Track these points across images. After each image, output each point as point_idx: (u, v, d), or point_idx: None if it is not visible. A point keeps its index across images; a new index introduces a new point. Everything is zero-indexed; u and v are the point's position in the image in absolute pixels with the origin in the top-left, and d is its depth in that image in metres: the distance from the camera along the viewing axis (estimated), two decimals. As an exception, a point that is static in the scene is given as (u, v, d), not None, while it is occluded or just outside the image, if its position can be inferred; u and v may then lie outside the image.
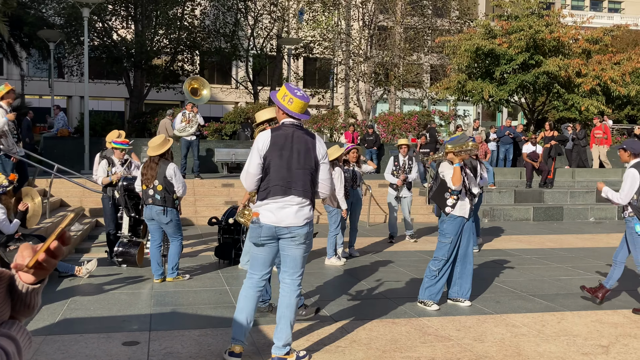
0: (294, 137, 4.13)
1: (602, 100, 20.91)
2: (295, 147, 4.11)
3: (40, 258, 1.42)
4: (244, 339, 4.25)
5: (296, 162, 4.10)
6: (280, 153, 4.10)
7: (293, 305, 4.21)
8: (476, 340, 4.89)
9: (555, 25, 20.71)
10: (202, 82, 12.92)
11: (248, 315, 4.24)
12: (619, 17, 48.19)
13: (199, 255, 8.71)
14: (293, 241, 4.13)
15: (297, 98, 4.13)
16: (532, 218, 14.02)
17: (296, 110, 4.16)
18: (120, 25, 24.38)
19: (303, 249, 4.19)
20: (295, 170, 4.10)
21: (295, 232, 4.10)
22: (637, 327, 5.33)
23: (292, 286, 4.22)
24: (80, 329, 5.01)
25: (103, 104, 35.98)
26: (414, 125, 20.95)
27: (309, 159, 4.13)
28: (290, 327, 4.20)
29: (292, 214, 4.09)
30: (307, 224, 4.16)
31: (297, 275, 4.23)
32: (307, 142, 4.15)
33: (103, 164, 8.00)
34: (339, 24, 28.99)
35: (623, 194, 5.82)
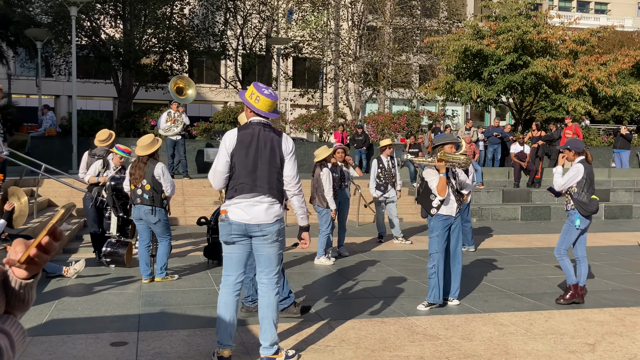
0: (260, 136, 4.15)
1: (589, 101, 21.07)
2: (262, 145, 4.14)
3: (32, 253, 1.43)
4: (231, 341, 4.24)
5: (262, 161, 4.13)
6: (246, 151, 4.14)
7: (273, 304, 4.20)
8: (464, 339, 4.91)
9: (543, 26, 20.85)
10: (187, 81, 12.86)
11: (230, 320, 4.21)
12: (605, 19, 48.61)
13: (188, 256, 8.68)
14: (265, 240, 4.14)
15: (264, 96, 4.16)
16: (520, 217, 14.11)
17: (263, 108, 4.17)
18: (109, 24, 24.23)
19: (277, 246, 4.19)
20: (261, 168, 4.13)
21: (266, 229, 4.11)
22: (623, 325, 5.39)
23: (270, 285, 4.22)
24: (67, 329, 4.99)
25: (91, 104, 35.78)
26: (403, 125, 21.01)
27: (274, 157, 4.14)
28: (274, 326, 4.19)
29: (263, 212, 4.11)
30: (277, 222, 4.16)
31: (273, 274, 4.22)
32: (272, 140, 4.16)
33: (98, 164, 7.93)
34: (328, 23, 29.01)
35: (563, 181, 6.12)
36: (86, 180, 7.98)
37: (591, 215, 6.17)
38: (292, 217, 12.80)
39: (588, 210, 6.09)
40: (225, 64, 34.47)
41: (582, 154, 6.21)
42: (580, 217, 6.10)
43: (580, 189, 6.09)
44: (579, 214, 6.10)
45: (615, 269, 8.19)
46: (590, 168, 6.18)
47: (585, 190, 6.09)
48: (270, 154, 4.14)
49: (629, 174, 18.44)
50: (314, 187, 8.34)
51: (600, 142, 22.58)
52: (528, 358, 4.46)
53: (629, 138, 19.91)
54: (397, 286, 6.86)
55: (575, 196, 6.11)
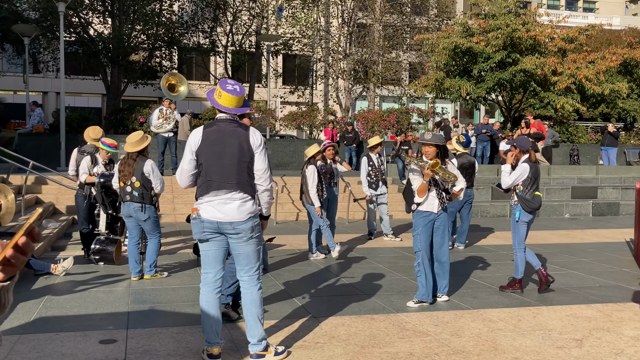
0: (226, 132, 4.10)
1: (577, 99, 21.22)
2: (228, 141, 4.08)
3: (7, 254, 1.38)
4: (219, 339, 4.22)
5: (229, 157, 4.07)
6: (212, 149, 4.09)
7: (257, 300, 4.18)
8: (454, 335, 4.94)
9: (532, 24, 20.96)
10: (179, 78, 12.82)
11: (214, 317, 4.20)
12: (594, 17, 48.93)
13: (178, 253, 8.66)
14: (240, 238, 4.09)
15: (225, 92, 4.09)
16: (509, 214, 14.17)
17: (225, 104, 4.11)
18: (97, 20, 24.05)
19: (253, 243, 4.14)
20: (228, 165, 4.07)
21: (239, 227, 4.06)
22: (610, 321, 5.44)
23: (251, 282, 4.20)
24: (56, 327, 4.96)
25: (80, 100, 35.52)
26: (393, 123, 21.05)
27: (242, 153, 4.08)
28: (259, 322, 4.17)
29: (235, 209, 4.06)
30: (250, 219, 4.10)
31: (253, 270, 4.19)
32: (239, 135, 4.10)
33: (86, 160, 7.86)
34: (318, 21, 28.98)
35: (510, 180, 6.32)
36: (82, 180, 7.89)
37: (534, 211, 6.45)
38: (282, 214, 12.82)
39: (531, 206, 6.39)
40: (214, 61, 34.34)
41: (526, 152, 6.48)
42: (521, 211, 6.39)
43: (525, 187, 6.40)
44: (521, 209, 6.40)
45: (603, 265, 8.26)
46: (535, 167, 6.45)
47: (529, 188, 6.39)
48: (238, 150, 4.07)
49: (617, 171, 18.60)
50: (302, 184, 8.35)
51: (588, 139, 22.75)
52: (516, 354, 4.49)
53: (616, 135, 20.08)
54: (387, 283, 6.88)
55: (520, 193, 6.42)
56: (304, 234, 10.43)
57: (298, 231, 11.06)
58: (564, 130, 22.88)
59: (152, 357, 4.28)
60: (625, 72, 24.37)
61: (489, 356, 4.43)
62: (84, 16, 23.22)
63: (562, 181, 16.90)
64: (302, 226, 11.76)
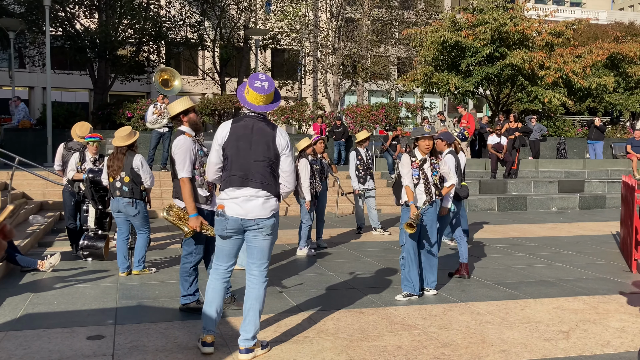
0: (254, 129, 4.11)
1: (565, 93, 21.33)
2: (255, 138, 4.09)
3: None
4: (215, 328, 4.29)
5: (254, 154, 4.08)
6: (238, 144, 4.10)
7: (262, 296, 4.21)
8: (442, 328, 4.96)
9: (520, 18, 21.01)
10: (172, 73, 12.76)
11: (217, 306, 4.27)
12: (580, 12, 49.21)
13: (167, 248, 8.63)
14: (260, 232, 4.12)
15: (252, 90, 4.08)
16: (497, 208, 14.27)
17: (252, 101, 4.10)
18: (84, 15, 23.82)
19: (270, 239, 4.19)
20: (253, 162, 4.08)
21: (262, 223, 4.10)
22: (597, 313, 5.49)
23: (261, 278, 4.22)
24: (43, 324, 4.92)
25: (66, 95, 35.24)
26: (382, 117, 21.06)
27: (267, 151, 4.09)
28: (259, 318, 4.21)
29: (259, 206, 4.08)
30: (274, 216, 4.15)
31: (264, 266, 4.23)
32: (266, 134, 4.10)
33: (75, 158, 7.74)
34: (306, 15, 28.90)
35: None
36: (70, 177, 7.80)
37: (461, 200, 6.91)
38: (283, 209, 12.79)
39: (462, 195, 6.87)
40: (202, 55, 34.16)
41: (451, 145, 6.93)
42: (453, 201, 6.60)
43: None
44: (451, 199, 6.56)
45: (590, 258, 8.33)
46: (457, 158, 6.88)
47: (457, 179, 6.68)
48: (264, 148, 4.08)
49: (603, 164, 18.75)
50: None
51: (575, 133, 22.90)
52: (504, 346, 4.53)
53: (602, 129, 20.23)
54: (376, 277, 6.90)
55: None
56: (293, 229, 10.43)
57: (287, 226, 11.06)
58: (551, 124, 23.02)
59: (140, 353, 4.27)
60: (612, 66, 24.53)
61: (476, 349, 4.46)
62: (70, 10, 22.99)
63: (549, 175, 17.02)
64: (291, 221, 11.76)
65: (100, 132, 16.96)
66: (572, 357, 4.34)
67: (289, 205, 13.12)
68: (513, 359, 4.27)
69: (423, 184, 5.87)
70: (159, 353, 4.28)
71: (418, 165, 5.86)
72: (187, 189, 4.86)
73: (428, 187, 5.89)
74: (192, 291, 5.26)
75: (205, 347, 4.27)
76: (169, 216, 5.08)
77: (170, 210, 5.11)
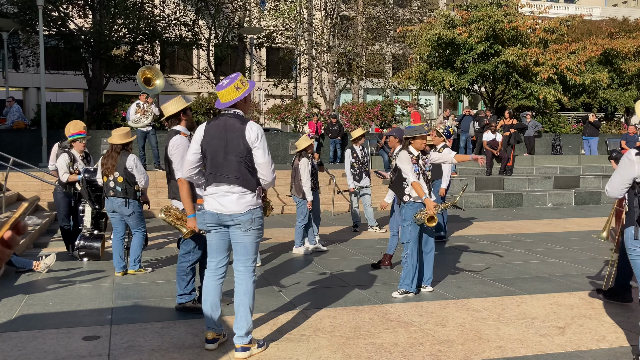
0: (225, 126, 4.18)
1: (559, 89, 21.38)
2: (227, 135, 4.16)
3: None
4: (214, 325, 4.34)
5: (227, 151, 4.15)
6: (211, 142, 4.20)
7: (250, 292, 4.22)
8: (438, 325, 4.97)
9: (514, 15, 21.04)
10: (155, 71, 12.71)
11: (211, 303, 4.32)
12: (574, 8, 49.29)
13: (163, 248, 8.61)
14: (239, 229, 4.17)
15: (217, 90, 4.27)
16: (493, 205, 14.29)
17: (221, 99, 4.24)
18: (77, 14, 23.73)
19: (252, 235, 4.19)
20: (226, 159, 4.15)
21: (238, 219, 4.14)
22: (592, 308, 5.51)
23: (247, 273, 4.24)
24: (38, 324, 4.91)
25: (61, 96, 35.10)
26: (377, 115, 21.07)
27: (238, 147, 4.13)
28: (250, 314, 4.22)
29: (234, 202, 4.14)
30: (250, 211, 4.15)
31: (250, 262, 4.24)
32: (236, 129, 4.15)
33: (64, 158, 7.64)
34: (301, 13, 28.87)
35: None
36: (65, 180, 7.67)
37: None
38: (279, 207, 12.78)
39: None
40: (197, 55, 34.08)
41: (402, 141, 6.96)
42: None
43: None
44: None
45: (585, 254, 8.36)
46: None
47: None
48: (234, 144, 4.14)
49: (598, 160, 18.80)
50: (292, 176, 8.32)
51: (569, 129, 22.95)
52: (500, 342, 4.53)
53: (597, 125, 20.28)
54: (372, 274, 6.91)
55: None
56: (289, 227, 10.43)
57: (283, 224, 11.06)
58: (546, 121, 23.06)
59: (136, 353, 4.26)
60: (606, 62, 24.60)
61: (473, 345, 4.47)
62: (64, 10, 22.90)
63: (544, 171, 17.05)
64: (287, 219, 11.76)
65: (95, 132, 16.93)
66: (568, 352, 4.35)
67: (285, 204, 13.11)
68: (509, 354, 4.28)
69: (423, 179, 5.88)
70: (155, 353, 4.27)
71: (415, 160, 5.87)
72: (185, 189, 4.87)
73: (426, 182, 5.91)
74: (188, 290, 5.26)
75: (206, 343, 4.36)
76: (167, 217, 5.07)
77: (168, 211, 5.10)
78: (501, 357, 4.22)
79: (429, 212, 5.69)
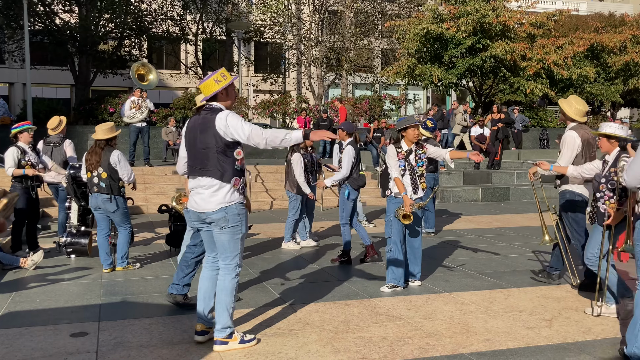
0: (202, 119, 4.17)
1: (546, 83, 21.50)
2: (201, 129, 4.15)
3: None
4: (204, 317, 4.35)
5: (199, 143, 4.14)
6: (189, 136, 4.24)
7: (228, 289, 4.20)
8: (426, 318, 4.99)
9: (501, 9, 21.11)
10: (148, 67, 12.67)
11: (204, 294, 4.35)
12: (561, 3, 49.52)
13: (151, 244, 8.58)
14: (214, 227, 4.16)
15: (199, 85, 4.38)
16: (480, 199, 14.37)
17: (203, 93, 4.25)
18: (63, 9, 23.50)
19: (227, 233, 4.14)
20: (200, 151, 4.14)
21: (211, 217, 4.12)
22: (578, 301, 5.56)
23: (225, 270, 4.23)
24: (25, 321, 4.88)
25: (47, 91, 34.77)
26: (366, 110, 21.08)
27: (210, 138, 4.08)
28: (226, 310, 4.19)
29: (205, 200, 4.13)
30: (222, 209, 4.09)
31: (229, 259, 4.21)
32: (207, 121, 4.12)
33: (12, 152, 7.33)
34: (289, 7, 28.78)
35: (345, 169, 6.95)
36: (9, 173, 7.33)
37: (360, 188, 7.16)
38: (256, 203, 12.78)
39: (358, 184, 7.11)
40: (185, 49, 33.89)
41: (351, 135, 7.21)
42: (350, 189, 7.04)
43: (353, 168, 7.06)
44: (349, 187, 7.04)
45: (572, 247, 8.40)
46: (357, 148, 7.19)
47: (355, 167, 7.08)
48: (205, 136, 4.11)
49: (585, 154, 18.90)
50: (286, 172, 8.32)
51: (557, 123, 23.09)
52: (488, 335, 4.57)
53: (584, 119, 20.38)
54: (361, 269, 6.92)
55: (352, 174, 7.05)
56: (279, 223, 10.43)
57: (272, 220, 11.05)
58: (534, 115, 23.19)
59: (124, 349, 4.25)
60: (592, 57, 24.75)
61: (461, 338, 4.50)
62: (49, 5, 22.66)
63: (532, 165, 17.14)
64: (276, 215, 11.76)
65: (82, 128, 16.81)
66: (555, 344, 4.39)
67: (274, 199, 13.10)
68: (497, 347, 4.31)
69: (409, 175, 5.87)
70: (143, 349, 4.26)
71: (404, 156, 5.86)
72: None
73: (414, 179, 5.89)
74: (182, 283, 5.23)
75: (195, 335, 4.39)
76: (178, 205, 5.19)
77: (179, 199, 5.22)
78: (489, 350, 4.25)
79: (404, 210, 5.69)
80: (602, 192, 4.96)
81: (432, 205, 9.49)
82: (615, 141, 4.95)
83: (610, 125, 5.02)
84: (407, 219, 5.67)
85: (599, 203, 4.97)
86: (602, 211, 4.91)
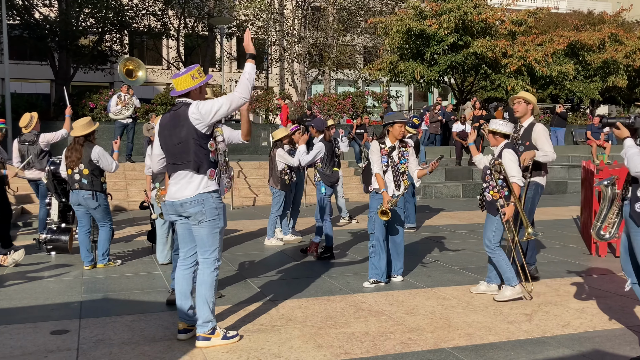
0: (176, 114, 4.18)
1: (527, 80, 21.71)
2: (174, 123, 4.18)
3: None
4: (185, 315, 4.34)
5: (175, 138, 4.15)
6: (164, 133, 4.25)
7: (207, 282, 4.21)
8: (408, 313, 5.03)
9: (483, 7, 21.26)
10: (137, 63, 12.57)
11: (182, 293, 4.33)
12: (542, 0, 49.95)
13: (132, 241, 8.53)
14: (192, 221, 4.18)
15: (173, 78, 4.34)
16: (462, 195, 14.48)
17: (176, 87, 4.24)
18: (43, 3, 23.17)
19: (205, 227, 4.15)
20: (175, 146, 4.16)
21: (189, 210, 4.13)
22: (558, 295, 5.64)
23: (205, 264, 4.24)
24: (4, 320, 4.82)
25: (27, 86, 34.26)
26: (348, 106, 21.11)
27: (183, 130, 4.11)
28: (206, 304, 4.19)
29: (181, 189, 4.15)
30: (198, 200, 4.10)
31: (208, 253, 4.22)
32: (180, 115, 4.15)
33: None
34: (272, 3, 28.68)
35: (309, 158, 7.30)
36: None
37: (334, 184, 7.33)
38: (238, 199, 12.75)
39: (330, 180, 7.26)
40: (167, 45, 33.63)
41: (322, 132, 7.36)
42: (325, 186, 7.20)
43: (323, 164, 7.26)
44: (323, 184, 7.20)
45: (551, 242, 8.54)
46: (329, 145, 7.33)
47: (327, 164, 7.24)
48: (180, 129, 4.12)
49: (565, 151, 19.17)
50: (270, 167, 8.31)
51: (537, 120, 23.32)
52: (469, 330, 4.62)
53: (564, 116, 20.65)
54: (343, 264, 6.95)
55: (320, 170, 7.27)
56: (261, 219, 10.42)
57: (255, 216, 11.04)
58: (515, 112, 23.35)
59: (106, 346, 4.22)
60: (572, 54, 25.03)
61: (442, 333, 4.54)
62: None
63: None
64: (259, 211, 11.74)
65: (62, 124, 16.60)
66: (535, 338, 4.45)
67: (256, 196, 13.08)
68: (477, 342, 4.36)
69: (392, 172, 5.90)
70: (125, 346, 4.24)
71: (387, 152, 5.88)
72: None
73: (396, 175, 5.92)
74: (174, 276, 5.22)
75: (178, 333, 4.38)
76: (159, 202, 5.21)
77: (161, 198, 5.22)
78: (470, 344, 4.30)
79: (382, 206, 5.72)
80: (487, 183, 5.44)
81: (411, 200, 9.55)
82: (500, 137, 5.44)
83: (496, 122, 5.49)
84: (385, 215, 5.69)
85: (485, 192, 5.46)
86: (489, 199, 5.41)
